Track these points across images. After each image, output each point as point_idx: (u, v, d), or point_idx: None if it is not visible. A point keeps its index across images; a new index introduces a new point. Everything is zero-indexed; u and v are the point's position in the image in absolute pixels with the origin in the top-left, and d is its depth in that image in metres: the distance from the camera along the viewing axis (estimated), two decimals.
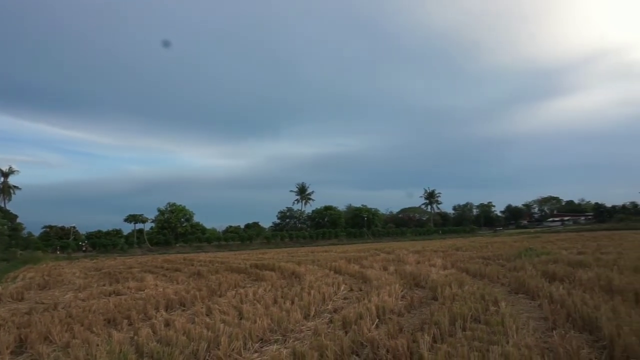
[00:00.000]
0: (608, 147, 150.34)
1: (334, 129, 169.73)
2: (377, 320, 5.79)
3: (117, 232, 71.49)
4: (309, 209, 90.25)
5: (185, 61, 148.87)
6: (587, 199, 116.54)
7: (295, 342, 4.87)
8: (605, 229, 59.03)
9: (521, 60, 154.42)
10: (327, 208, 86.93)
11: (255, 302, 7.75)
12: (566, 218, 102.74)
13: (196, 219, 76.20)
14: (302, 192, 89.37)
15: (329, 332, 4.98)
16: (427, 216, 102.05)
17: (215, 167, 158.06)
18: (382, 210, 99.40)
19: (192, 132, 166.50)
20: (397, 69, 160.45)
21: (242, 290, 9.32)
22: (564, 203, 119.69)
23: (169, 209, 72.46)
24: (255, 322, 5.61)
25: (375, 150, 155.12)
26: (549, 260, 11.59)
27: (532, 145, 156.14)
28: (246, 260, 20.49)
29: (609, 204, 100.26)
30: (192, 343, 4.69)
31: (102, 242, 61.49)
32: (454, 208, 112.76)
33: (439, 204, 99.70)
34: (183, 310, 7.87)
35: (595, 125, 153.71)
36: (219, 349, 4.46)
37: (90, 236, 67.39)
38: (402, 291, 8.21)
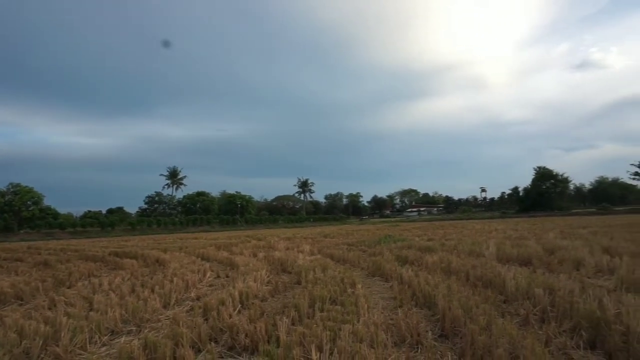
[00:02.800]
0: (458, 147, 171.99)
1: (214, 113, 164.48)
2: (240, 306, 5.77)
3: None
4: (180, 194, 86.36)
5: (42, 23, 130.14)
6: (439, 192, 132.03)
7: (151, 332, 4.60)
8: (452, 218, 67.51)
9: (394, 62, 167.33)
10: (200, 194, 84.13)
11: (110, 292, 7.15)
12: (422, 209, 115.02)
13: (47, 202, 67.64)
14: (174, 177, 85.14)
15: (187, 320, 4.81)
16: (300, 204, 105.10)
17: (76, 146, 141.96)
18: (257, 197, 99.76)
19: (48, 105, 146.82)
20: (283, 58, 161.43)
21: (95, 280, 8.50)
22: (421, 195, 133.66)
23: (11, 190, 62.97)
24: (106, 313, 5.17)
25: (254, 138, 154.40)
26: (403, 246, 12.77)
27: (399, 141, 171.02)
28: (105, 248, 18.82)
29: (456, 197, 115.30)
30: (25, 340, 4.13)
31: None
32: (326, 197, 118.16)
33: (312, 192, 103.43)
34: (20, 305, 6.90)
35: (449, 127, 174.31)
36: (58, 345, 4.00)
37: None
38: (268, 277, 8.30)
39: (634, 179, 77.28)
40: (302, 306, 5.03)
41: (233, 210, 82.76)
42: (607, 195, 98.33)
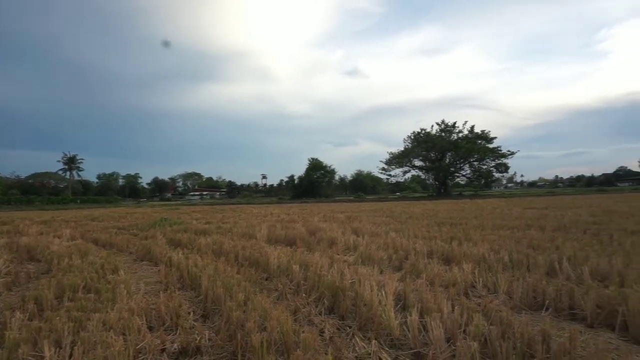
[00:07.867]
0: (244, 134, 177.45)
1: None
2: None
3: None
4: None
5: None
6: (223, 177, 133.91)
7: None
8: (233, 203, 69.35)
9: (186, 41, 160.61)
10: None
11: None
12: (205, 192, 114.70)
13: None
14: None
15: None
16: (65, 184, 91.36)
17: None
18: (6, 174, 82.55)
19: None
20: (54, 9, 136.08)
21: None
22: (205, 179, 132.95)
23: None
24: None
25: (4, 102, 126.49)
26: (179, 230, 12.44)
27: (185, 122, 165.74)
28: None
29: (239, 182, 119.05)
30: None
31: None
32: (99, 177, 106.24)
33: (81, 170, 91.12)
34: None
35: (237, 114, 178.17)
36: None
37: None
38: (7, 267, 6.95)
39: (381, 173, 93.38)
40: (46, 297, 4.36)
41: None
42: (363, 185, 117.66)
